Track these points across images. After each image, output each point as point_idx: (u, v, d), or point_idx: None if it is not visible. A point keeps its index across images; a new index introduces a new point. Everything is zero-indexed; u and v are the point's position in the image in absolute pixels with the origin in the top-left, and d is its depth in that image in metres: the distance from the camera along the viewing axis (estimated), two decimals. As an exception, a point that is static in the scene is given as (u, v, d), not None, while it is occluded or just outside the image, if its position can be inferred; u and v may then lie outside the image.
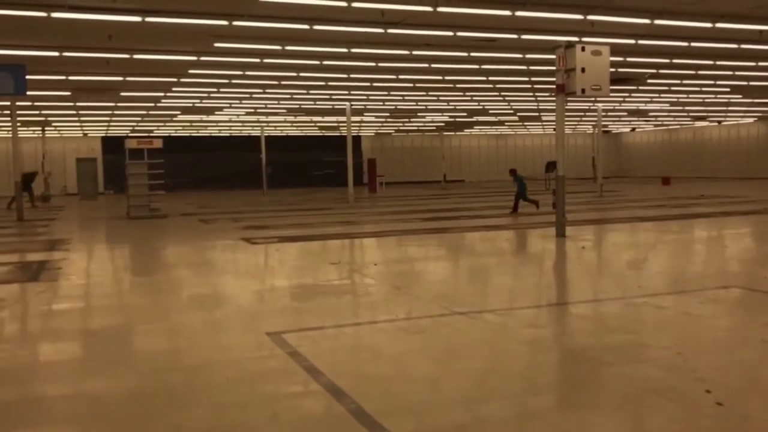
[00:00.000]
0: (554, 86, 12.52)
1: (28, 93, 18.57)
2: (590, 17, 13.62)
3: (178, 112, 31.03)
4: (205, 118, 33.83)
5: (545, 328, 6.29)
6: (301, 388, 4.63)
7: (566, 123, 13.23)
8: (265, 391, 4.60)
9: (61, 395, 4.66)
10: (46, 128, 35.17)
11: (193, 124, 37.37)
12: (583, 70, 11.84)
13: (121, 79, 20.33)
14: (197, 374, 4.96)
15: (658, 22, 14.03)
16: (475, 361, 5.17)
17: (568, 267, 10.20)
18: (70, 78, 20.00)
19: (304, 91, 24.84)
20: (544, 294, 8.19)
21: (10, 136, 20.79)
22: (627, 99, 30.32)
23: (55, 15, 12.35)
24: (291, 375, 4.87)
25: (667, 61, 19.67)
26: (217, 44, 15.41)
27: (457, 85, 24.36)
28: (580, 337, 5.94)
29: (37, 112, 28.49)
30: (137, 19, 12.74)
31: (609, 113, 36.91)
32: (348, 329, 6.34)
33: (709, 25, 14.55)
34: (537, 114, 36.56)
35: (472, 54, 17.75)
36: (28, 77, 17.83)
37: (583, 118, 39.99)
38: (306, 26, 13.76)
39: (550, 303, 7.63)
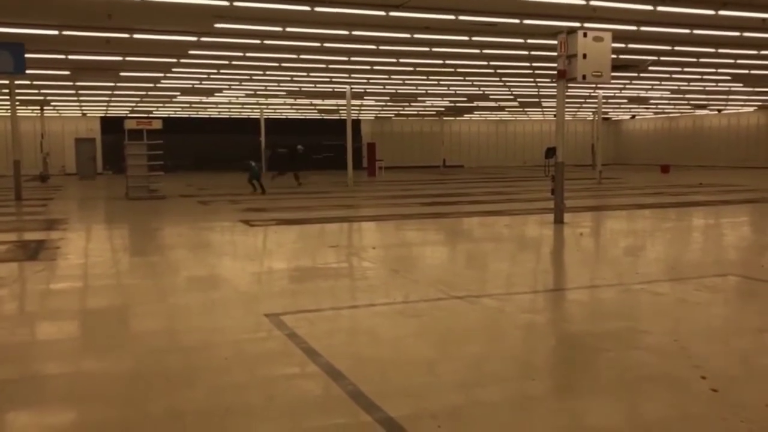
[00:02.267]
0: (555, 72, 12.48)
1: (27, 72, 18.49)
2: (592, 3, 13.54)
3: (178, 93, 30.89)
4: (204, 99, 33.70)
5: (542, 314, 6.31)
6: (299, 369, 4.65)
7: (566, 109, 13.21)
8: (262, 372, 4.62)
9: (59, 374, 4.68)
10: (45, 108, 35.05)
11: (193, 105, 37.23)
12: (584, 56, 11.81)
13: (120, 58, 20.22)
14: (195, 355, 4.98)
15: (660, 8, 13.95)
16: (473, 345, 5.20)
17: (565, 253, 10.22)
18: (70, 57, 19.88)
19: (305, 74, 24.72)
20: (542, 279, 8.21)
21: (9, 115, 20.74)
22: (628, 86, 30.21)
23: (54, -7, 12.28)
24: (289, 356, 4.89)
25: (669, 48, 19.58)
26: (217, 25, 15.31)
27: (458, 70, 24.25)
28: (577, 323, 5.97)
29: (36, 91, 28.35)
30: (137, -2, 12.66)
31: (609, 100, 36.80)
32: (346, 312, 6.36)
33: (711, 12, 14.47)
34: (537, 100, 36.45)
35: (474, 38, 17.66)
36: (27, 56, 17.74)
37: (584, 105, 39.89)
38: (307, 8, 13.68)
39: (548, 288, 7.66)
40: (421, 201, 19.03)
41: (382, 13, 14.22)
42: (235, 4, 13.21)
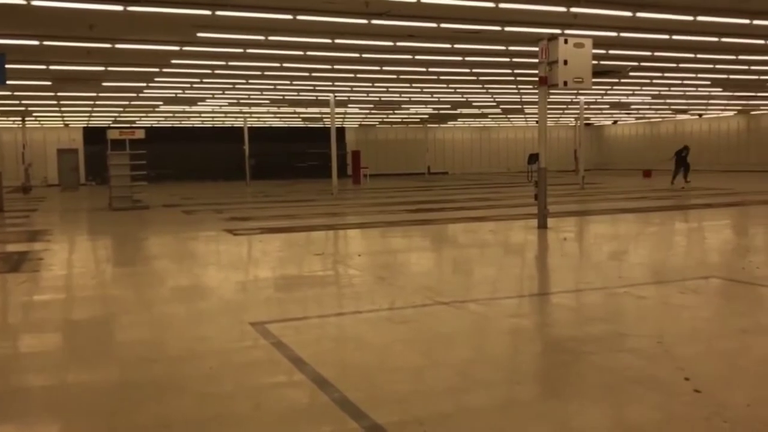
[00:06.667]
0: (537, 78, 12.57)
1: (8, 82, 18.35)
2: (573, 9, 13.67)
3: (161, 103, 30.79)
4: (187, 108, 33.60)
5: (527, 318, 6.35)
6: (286, 378, 4.65)
7: (549, 115, 13.30)
8: (249, 381, 4.61)
9: (44, 386, 4.64)
10: (26, 118, 34.77)
11: (176, 114, 37.10)
12: (565, 62, 11.92)
13: (102, 68, 20.13)
14: (181, 364, 4.96)
15: (640, 14, 14.10)
16: (459, 351, 5.21)
17: (549, 258, 10.28)
18: (51, 67, 19.77)
19: (288, 82, 24.73)
20: (526, 284, 8.25)
21: (-10, 126, 20.57)
22: (609, 92, 30.48)
23: (35, 3, 12.20)
24: (275, 365, 4.88)
25: (649, 53, 19.79)
26: (199, 34, 15.29)
27: (441, 77, 24.37)
28: (562, 327, 6.00)
29: (17, 102, 28.16)
30: (119, 8, 12.61)
31: (591, 106, 37.09)
32: (332, 319, 6.36)
33: (690, 18, 14.66)
34: (520, 106, 36.66)
35: (456, 46, 17.76)
36: (7, 66, 17.60)
37: (566, 111, 40.17)
38: (289, 16, 13.69)
39: (532, 293, 7.69)
40: (406, 208, 19.05)
41: (365, 21, 14.27)
42: (218, 13, 13.21)
